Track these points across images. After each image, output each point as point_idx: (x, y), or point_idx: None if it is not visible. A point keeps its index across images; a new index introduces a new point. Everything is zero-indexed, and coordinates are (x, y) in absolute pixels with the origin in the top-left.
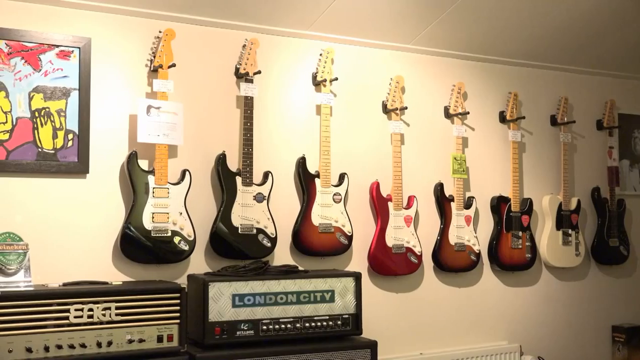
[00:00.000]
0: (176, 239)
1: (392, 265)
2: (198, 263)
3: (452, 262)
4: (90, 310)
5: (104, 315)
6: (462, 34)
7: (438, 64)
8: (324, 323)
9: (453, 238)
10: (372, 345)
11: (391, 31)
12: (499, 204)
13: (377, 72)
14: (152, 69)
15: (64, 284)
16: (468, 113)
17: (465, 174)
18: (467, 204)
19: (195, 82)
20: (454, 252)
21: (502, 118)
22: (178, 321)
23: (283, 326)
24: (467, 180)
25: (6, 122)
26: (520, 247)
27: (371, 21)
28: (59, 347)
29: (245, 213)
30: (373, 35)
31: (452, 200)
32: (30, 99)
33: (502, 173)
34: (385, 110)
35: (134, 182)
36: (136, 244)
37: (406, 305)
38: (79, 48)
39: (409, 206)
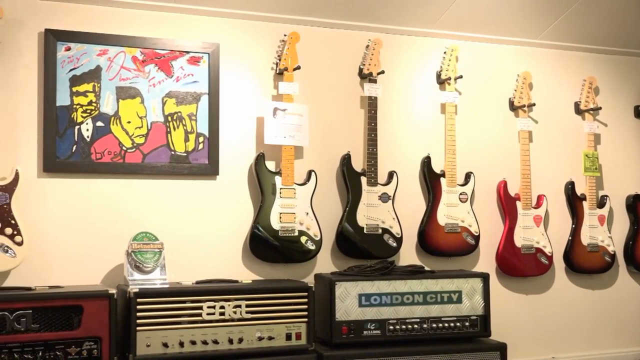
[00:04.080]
0: (303, 239)
1: (521, 266)
2: (324, 262)
3: (584, 264)
4: (222, 307)
5: (235, 312)
6: (591, 27)
7: (567, 59)
8: (452, 324)
9: (586, 238)
10: (502, 348)
11: (516, 26)
12: (635, 203)
13: (502, 69)
14: (277, 71)
15: (197, 282)
16: (600, 108)
17: (598, 171)
18: (601, 203)
19: (320, 84)
20: (587, 253)
21: (638, 113)
22: (306, 320)
23: (409, 326)
24: (600, 178)
25: (142, 126)
26: None
27: (495, 17)
28: (193, 342)
29: (371, 213)
30: (498, 31)
31: (584, 199)
32: (164, 104)
33: (637, 170)
34: (512, 107)
35: (261, 183)
36: (264, 244)
37: (537, 308)
38: (208, 54)
39: (538, 205)
